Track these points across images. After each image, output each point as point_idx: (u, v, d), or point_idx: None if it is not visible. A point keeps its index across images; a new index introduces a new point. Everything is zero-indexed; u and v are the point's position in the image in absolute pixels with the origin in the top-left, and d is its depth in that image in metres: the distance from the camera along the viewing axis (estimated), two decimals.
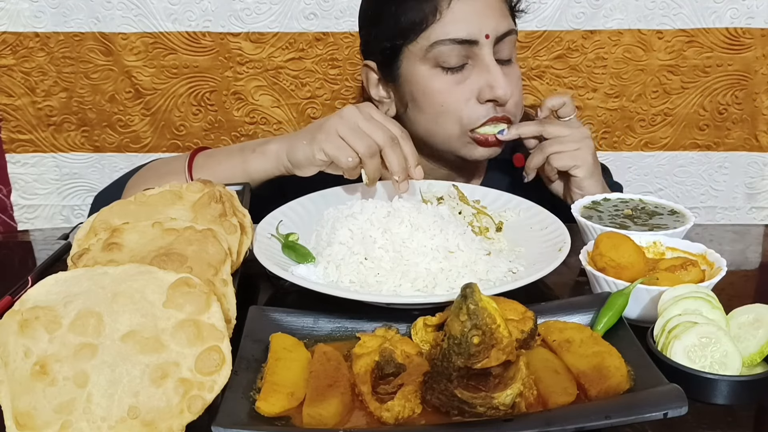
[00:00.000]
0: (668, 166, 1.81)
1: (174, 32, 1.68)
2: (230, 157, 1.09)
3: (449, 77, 1.14)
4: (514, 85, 1.17)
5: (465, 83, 1.14)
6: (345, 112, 1.00)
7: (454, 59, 1.13)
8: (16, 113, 1.74)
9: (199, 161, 1.12)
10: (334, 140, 0.98)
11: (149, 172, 1.18)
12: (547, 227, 0.98)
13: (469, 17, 1.11)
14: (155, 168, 1.18)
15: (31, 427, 0.60)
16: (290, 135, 1.08)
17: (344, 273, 0.86)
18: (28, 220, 1.83)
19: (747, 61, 1.71)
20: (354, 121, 0.99)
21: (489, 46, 1.12)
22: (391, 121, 1.02)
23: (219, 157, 1.12)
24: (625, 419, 0.62)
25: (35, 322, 0.64)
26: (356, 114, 1.00)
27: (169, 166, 1.15)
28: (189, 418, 0.62)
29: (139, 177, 1.17)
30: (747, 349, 0.72)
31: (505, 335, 0.65)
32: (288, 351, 0.72)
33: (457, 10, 1.11)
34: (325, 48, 1.70)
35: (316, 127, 1.02)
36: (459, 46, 1.12)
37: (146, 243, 0.77)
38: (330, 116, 1.02)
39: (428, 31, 1.13)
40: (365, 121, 0.99)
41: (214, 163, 1.11)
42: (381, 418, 0.64)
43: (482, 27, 1.11)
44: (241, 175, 1.07)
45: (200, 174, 1.09)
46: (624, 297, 0.77)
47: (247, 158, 1.07)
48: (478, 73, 1.13)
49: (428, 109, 1.18)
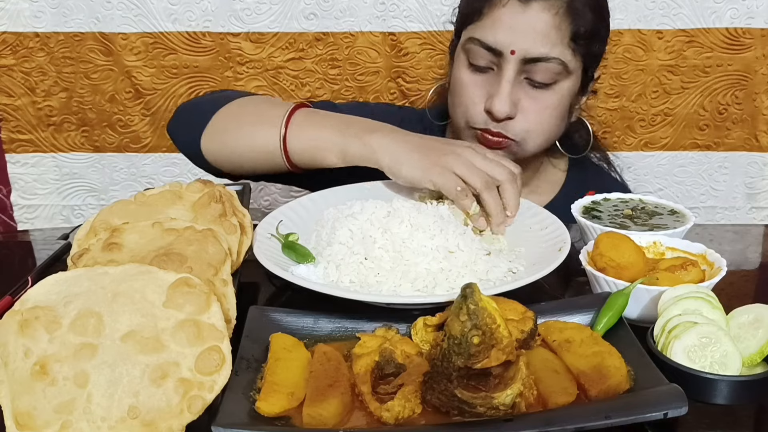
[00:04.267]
0: (668, 166, 1.81)
1: (174, 32, 1.68)
2: (332, 133, 1.05)
3: (474, 75, 1.15)
4: (533, 111, 1.13)
5: (482, 86, 1.14)
6: (463, 151, 1.00)
7: (482, 61, 1.13)
8: (16, 113, 1.75)
9: (297, 119, 1.09)
10: (449, 175, 0.97)
11: (245, 111, 1.15)
12: (547, 227, 0.98)
13: (504, 28, 1.10)
14: (251, 109, 1.16)
15: (31, 427, 0.60)
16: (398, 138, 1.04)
17: (344, 273, 0.86)
18: (28, 220, 1.83)
19: (747, 61, 1.71)
20: (471, 161, 0.99)
21: (514, 63, 1.10)
22: (506, 160, 1.02)
23: (320, 126, 1.08)
24: (625, 419, 0.61)
25: (35, 322, 0.64)
26: (473, 154, 1.00)
27: (267, 112, 1.12)
28: (189, 418, 0.62)
29: (232, 115, 1.14)
30: (747, 349, 0.72)
31: (505, 335, 0.65)
32: (288, 351, 0.72)
33: (498, 17, 1.10)
34: (325, 48, 1.70)
35: (433, 154, 1.00)
36: (487, 51, 1.11)
37: (146, 243, 0.77)
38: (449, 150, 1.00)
39: (472, 26, 1.14)
40: (482, 160, 0.99)
41: (312, 131, 1.07)
42: (381, 418, 0.64)
43: (511, 42, 1.09)
44: (336, 155, 1.05)
45: (295, 134, 1.07)
46: (624, 297, 0.77)
47: (348, 141, 1.04)
48: (494, 82, 1.13)
49: (452, 96, 1.20)
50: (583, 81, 1.18)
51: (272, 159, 1.10)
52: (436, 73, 1.72)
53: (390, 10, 1.68)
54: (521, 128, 1.13)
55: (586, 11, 1.11)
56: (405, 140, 1.03)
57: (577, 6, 1.10)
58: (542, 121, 1.15)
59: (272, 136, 1.08)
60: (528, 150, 1.17)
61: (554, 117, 1.16)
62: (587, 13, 1.11)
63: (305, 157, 1.08)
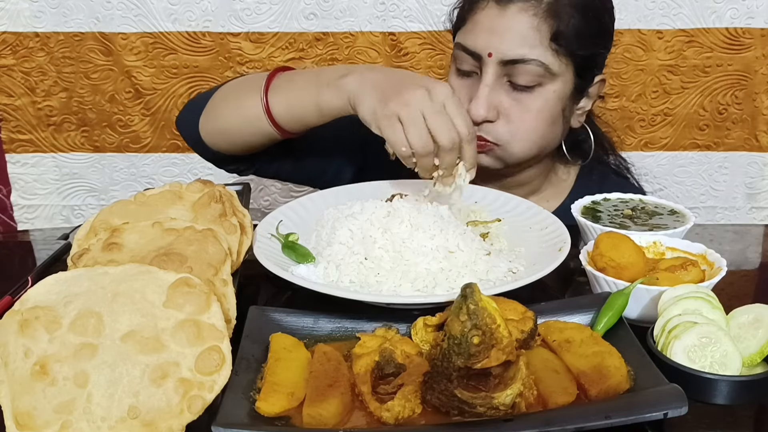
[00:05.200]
0: (668, 166, 1.81)
1: (174, 32, 1.68)
2: (307, 86, 1.05)
3: (460, 80, 1.15)
4: (515, 115, 1.10)
5: (465, 90, 1.14)
6: (414, 97, 0.92)
7: (466, 65, 1.13)
8: (16, 113, 1.75)
9: (276, 82, 1.08)
10: (394, 124, 0.93)
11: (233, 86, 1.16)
12: (547, 227, 0.98)
13: (481, 31, 1.09)
14: (243, 81, 1.17)
15: (31, 427, 0.60)
16: (365, 75, 0.99)
17: (344, 273, 0.86)
18: (28, 220, 1.83)
19: (747, 61, 1.71)
20: (420, 111, 0.92)
21: (493, 65, 1.08)
22: (461, 116, 0.94)
23: (296, 83, 1.07)
24: (625, 419, 0.61)
25: (35, 322, 0.64)
26: (425, 103, 0.93)
27: (249, 83, 1.12)
28: (189, 418, 0.62)
29: (222, 92, 1.16)
30: (747, 349, 0.72)
31: (505, 335, 0.65)
32: (288, 351, 0.72)
33: (477, 21, 1.11)
34: (325, 48, 1.70)
35: (385, 95, 0.94)
36: (469, 56, 1.11)
37: (146, 243, 0.77)
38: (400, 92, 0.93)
39: (459, 32, 1.15)
40: (432, 115, 0.92)
41: (289, 89, 1.07)
42: (381, 418, 0.64)
43: (488, 45, 1.08)
44: (313, 109, 1.03)
45: (275, 98, 1.07)
46: (624, 297, 0.77)
47: (321, 91, 1.02)
48: (476, 85, 1.11)
49: None
50: (578, 85, 1.14)
51: (262, 127, 1.09)
52: (436, 73, 1.72)
53: (390, 10, 1.68)
54: (504, 131, 1.11)
55: (569, 11, 1.08)
56: (371, 77, 0.99)
57: (559, 7, 1.08)
58: (526, 125, 1.11)
59: (257, 104, 1.07)
60: (514, 154, 1.13)
61: (540, 121, 1.12)
62: (572, 14, 1.08)
63: (289, 119, 1.07)
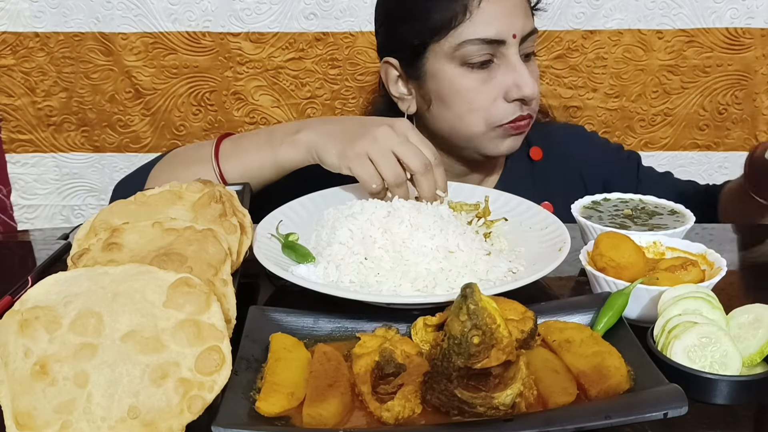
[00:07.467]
0: (668, 166, 1.80)
1: (174, 32, 1.68)
2: (259, 148, 1.07)
3: (475, 75, 1.15)
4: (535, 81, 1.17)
5: (492, 82, 1.15)
6: (379, 133, 0.97)
7: (480, 57, 1.14)
8: (16, 113, 1.75)
9: (225, 149, 1.09)
10: (364, 162, 0.97)
11: (175, 158, 1.16)
12: (547, 227, 0.98)
13: (498, 17, 1.12)
14: (181, 156, 1.16)
15: (31, 427, 0.60)
16: (321, 128, 1.04)
17: (344, 273, 0.86)
18: (28, 220, 1.83)
19: (747, 61, 1.71)
20: (388, 145, 0.97)
21: (515, 46, 1.14)
22: (426, 145, 0.99)
23: (247, 147, 1.09)
24: (625, 419, 0.61)
25: (35, 322, 0.64)
26: (391, 137, 0.97)
27: (196, 153, 1.12)
28: (189, 418, 0.62)
29: (164, 164, 1.15)
30: (747, 349, 0.72)
31: (505, 335, 0.65)
32: (288, 351, 0.72)
33: (487, 10, 1.12)
34: (325, 48, 1.70)
35: (349, 139, 0.99)
36: (487, 46, 1.13)
37: (146, 243, 0.77)
38: (365, 133, 0.98)
39: (458, 29, 1.13)
40: (400, 146, 0.97)
41: (242, 153, 1.08)
42: (381, 418, 0.64)
43: (511, 27, 1.13)
44: (271, 166, 1.06)
45: (228, 164, 1.08)
46: (624, 297, 0.77)
47: (277, 149, 1.05)
48: (504, 71, 1.14)
49: (455, 107, 1.18)
50: None
51: None
52: None
53: None
54: (535, 102, 1.18)
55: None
56: (328, 129, 1.03)
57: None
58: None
59: (208, 172, 1.07)
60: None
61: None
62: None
63: (246, 180, 1.07)
